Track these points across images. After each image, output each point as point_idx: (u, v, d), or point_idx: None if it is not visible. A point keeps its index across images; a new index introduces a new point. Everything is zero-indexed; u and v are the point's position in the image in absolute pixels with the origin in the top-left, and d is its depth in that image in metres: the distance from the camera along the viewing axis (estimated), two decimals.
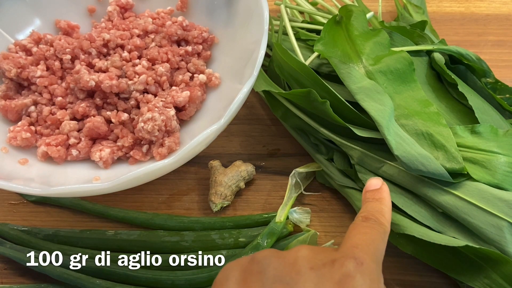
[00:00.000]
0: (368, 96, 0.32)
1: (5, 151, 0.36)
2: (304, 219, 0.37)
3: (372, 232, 0.26)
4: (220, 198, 0.38)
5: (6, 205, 0.40)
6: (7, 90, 0.39)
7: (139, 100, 0.37)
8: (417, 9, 0.47)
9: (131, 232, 0.37)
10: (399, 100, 0.33)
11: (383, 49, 0.36)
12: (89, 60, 0.39)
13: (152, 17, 0.43)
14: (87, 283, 0.34)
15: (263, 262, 0.24)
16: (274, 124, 0.44)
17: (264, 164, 0.42)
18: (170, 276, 0.35)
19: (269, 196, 0.40)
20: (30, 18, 0.43)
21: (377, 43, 0.36)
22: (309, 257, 0.23)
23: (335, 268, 0.22)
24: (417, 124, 0.32)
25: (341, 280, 0.22)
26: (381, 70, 0.34)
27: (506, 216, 0.28)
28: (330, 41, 0.37)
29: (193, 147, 0.31)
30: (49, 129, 0.38)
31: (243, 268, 0.24)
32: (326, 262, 0.23)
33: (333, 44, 0.37)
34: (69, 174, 0.36)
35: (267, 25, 0.36)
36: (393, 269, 0.35)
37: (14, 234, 0.38)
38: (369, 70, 0.35)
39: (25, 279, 0.36)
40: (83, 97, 0.38)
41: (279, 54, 0.37)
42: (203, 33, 0.41)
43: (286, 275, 0.22)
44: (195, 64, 0.40)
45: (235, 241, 0.36)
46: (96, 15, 0.45)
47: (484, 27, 0.50)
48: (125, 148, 0.36)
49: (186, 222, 0.38)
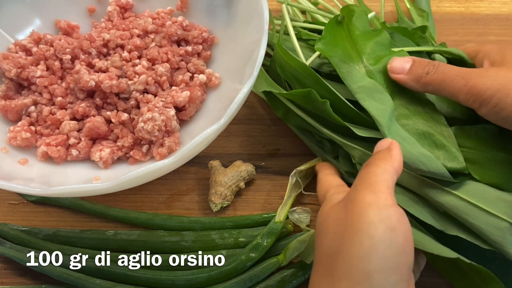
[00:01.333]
0: (368, 95, 0.32)
1: (5, 151, 0.36)
2: (304, 219, 0.37)
3: (378, 167, 0.26)
4: (220, 198, 0.38)
5: (6, 205, 0.40)
6: (7, 90, 0.39)
7: (139, 100, 0.37)
8: (421, 12, 0.47)
9: (131, 232, 0.37)
10: (399, 99, 0.33)
11: (384, 49, 0.36)
12: (89, 60, 0.39)
13: (152, 17, 0.43)
14: (87, 283, 0.34)
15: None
16: (274, 124, 0.44)
17: (264, 164, 0.42)
18: (170, 276, 0.35)
19: (269, 196, 0.40)
20: (30, 18, 0.43)
21: (378, 43, 0.36)
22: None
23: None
24: (418, 124, 0.32)
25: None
26: (382, 70, 0.34)
27: (507, 217, 0.28)
28: (331, 41, 0.37)
29: (193, 147, 0.31)
30: (49, 129, 0.38)
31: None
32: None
33: (334, 43, 0.37)
34: (69, 174, 0.36)
35: (267, 25, 0.36)
36: None
37: (14, 234, 0.38)
38: (370, 69, 0.35)
39: (25, 279, 0.36)
40: (83, 97, 0.38)
41: (280, 54, 0.37)
42: (203, 33, 0.41)
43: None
44: (195, 64, 0.40)
45: (235, 241, 0.36)
46: (96, 15, 0.45)
47: (484, 27, 0.50)
48: (125, 148, 0.36)
49: (186, 222, 0.38)
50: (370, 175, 0.25)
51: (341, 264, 0.23)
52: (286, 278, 0.35)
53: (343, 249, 0.23)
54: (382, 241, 0.22)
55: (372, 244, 0.22)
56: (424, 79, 0.31)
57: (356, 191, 0.25)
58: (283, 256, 0.35)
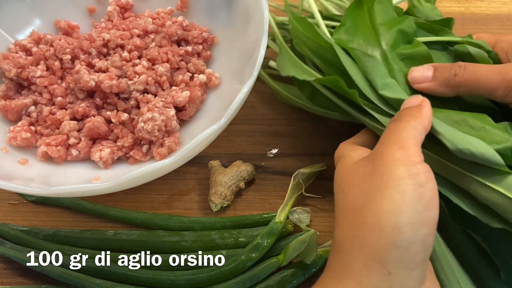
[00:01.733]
0: (391, 93, 0.31)
1: (5, 151, 0.36)
2: (304, 219, 0.37)
3: (408, 125, 0.26)
4: (220, 198, 0.38)
5: (6, 205, 0.40)
6: (7, 90, 0.39)
7: (139, 100, 0.37)
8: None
9: (131, 232, 0.37)
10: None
11: (407, 38, 0.34)
12: (89, 60, 0.39)
13: (152, 17, 0.43)
14: (87, 283, 0.34)
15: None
16: (274, 124, 0.44)
17: (264, 164, 0.42)
18: (170, 276, 0.35)
19: (269, 196, 0.40)
20: (30, 18, 0.43)
21: (401, 32, 0.34)
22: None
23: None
24: (450, 114, 0.31)
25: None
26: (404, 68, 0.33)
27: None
28: (351, 28, 0.35)
29: (193, 147, 0.31)
30: (49, 129, 0.38)
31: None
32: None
33: (354, 32, 0.35)
34: (69, 174, 0.36)
35: (267, 25, 0.36)
36: None
37: (14, 234, 0.38)
38: (392, 66, 0.33)
39: (25, 279, 0.36)
40: (83, 97, 0.38)
41: (301, 30, 0.35)
42: (203, 33, 0.41)
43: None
44: (195, 64, 0.40)
45: (235, 241, 0.36)
46: (96, 15, 0.45)
47: (484, 27, 0.50)
48: (125, 148, 0.36)
49: (186, 222, 0.38)
50: (399, 130, 0.25)
51: (371, 217, 0.23)
52: (286, 278, 0.35)
53: (373, 203, 0.24)
54: (412, 196, 0.23)
55: (403, 199, 0.23)
56: (453, 81, 0.31)
57: (384, 146, 0.25)
58: (283, 256, 0.35)
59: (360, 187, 0.25)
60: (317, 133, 0.43)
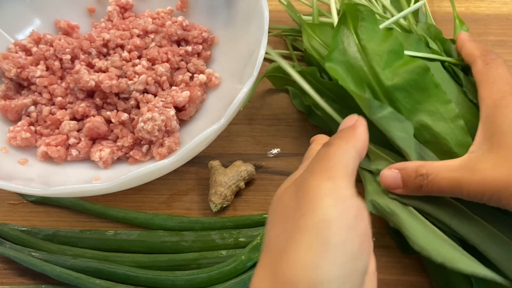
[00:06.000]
0: (390, 125, 0.31)
1: (5, 151, 0.36)
2: None
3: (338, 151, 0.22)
4: (220, 198, 0.38)
5: (6, 205, 0.40)
6: (7, 90, 0.39)
7: (139, 100, 0.37)
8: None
9: (131, 232, 0.37)
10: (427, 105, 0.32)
11: (397, 57, 0.33)
12: (89, 60, 0.39)
13: (152, 17, 0.43)
14: (87, 283, 0.34)
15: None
16: (274, 124, 0.44)
17: (264, 164, 0.41)
18: (170, 276, 0.35)
19: (269, 196, 0.40)
20: (30, 18, 0.43)
21: (391, 52, 0.33)
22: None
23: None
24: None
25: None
26: (400, 85, 0.32)
27: None
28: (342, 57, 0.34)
29: (193, 147, 0.31)
30: (49, 129, 0.38)
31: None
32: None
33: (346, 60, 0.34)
34: (69, 174, 0.36)
35: (267, 25, 0.36)
36: (394, 269, 0.35)
37: (14, 234, 0.38)
38: (388, 88, 0.32)
39: (25, 279, 0.36)
40: (83, 97, 0.38)
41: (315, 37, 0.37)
42: (203, 33, 0.41)
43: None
44: (195, 64, 0.40)
45: (235, 241, 0.36)
46: (96, 15, 0.45)
47: (484, 27, 0.49)
48: (125, 148, 0.36)
49: (186, 222, 0.38)
50: (329, 157, 0.22)
51: (285, 269, 0.19)
52: None
53: (290, 249, 0.19)
54: (335, 244, 0.19)
55: (323, 248, 0.19)
56: (422, 191, 0.28)
57: (310, 175, 0.21)
58: None
59: (283, 224, 0.21)
60: (317, 133, 0.43)
